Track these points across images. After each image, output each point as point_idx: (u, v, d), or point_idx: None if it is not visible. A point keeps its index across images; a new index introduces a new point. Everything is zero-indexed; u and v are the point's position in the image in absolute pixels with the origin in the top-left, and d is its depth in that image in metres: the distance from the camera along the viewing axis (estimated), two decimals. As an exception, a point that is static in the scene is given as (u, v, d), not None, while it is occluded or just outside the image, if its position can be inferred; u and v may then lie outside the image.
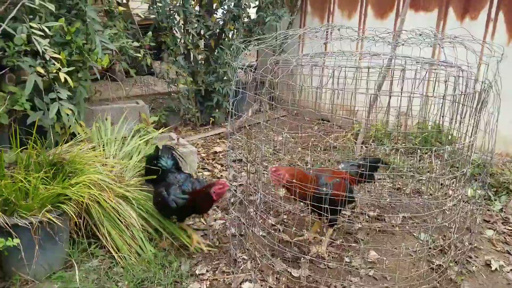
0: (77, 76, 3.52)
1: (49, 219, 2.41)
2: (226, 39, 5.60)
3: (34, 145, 2.75)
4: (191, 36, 5.27)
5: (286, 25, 6.28)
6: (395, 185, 4.08)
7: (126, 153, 3.51)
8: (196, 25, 5.24)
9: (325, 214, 2.53)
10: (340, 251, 2.98)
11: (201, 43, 5.73)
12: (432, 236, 3.11)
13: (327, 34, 3.41)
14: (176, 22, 5.26)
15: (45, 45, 2.86)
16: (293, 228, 3.05)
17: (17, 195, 2.45)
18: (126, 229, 2.80)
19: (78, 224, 2.70)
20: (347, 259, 2.91)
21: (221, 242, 3.13)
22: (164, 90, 6.14)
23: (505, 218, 3.50)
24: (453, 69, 2.53)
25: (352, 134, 5.39)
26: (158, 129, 4.25)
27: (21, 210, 2.40)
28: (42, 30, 2.87)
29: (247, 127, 3.57)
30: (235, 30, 5.61)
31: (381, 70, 3.10)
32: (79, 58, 3.45)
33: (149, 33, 4.57)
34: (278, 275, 2.71)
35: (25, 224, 2.35)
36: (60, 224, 2.48)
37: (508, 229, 3.35)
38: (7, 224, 2.33)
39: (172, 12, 5.17)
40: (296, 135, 5.37)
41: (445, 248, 2.96)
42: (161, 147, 3.35)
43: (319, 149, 5.05)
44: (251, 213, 3.29)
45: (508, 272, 2.84)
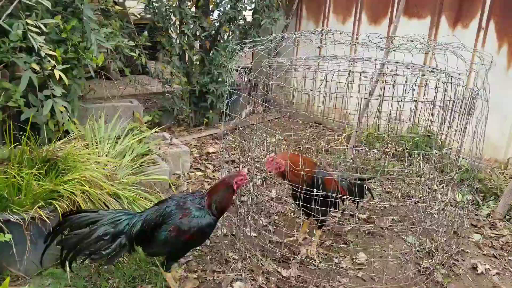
0: (72, 74, 3.53)
1: (41, 216, 2.42)
2: (222, 41, 5.64)
3: (28, 142, 2.75)
4: (187, 37, 5.29)
5: (282, 29, 6.33)
6: (385, 189, 4.13)
7: (119, 152, 3.53)
8: (192, 26, 5.27)
9: (315, 213, 2.56)
10: (330, 252, 3.02)
11: (197, 44, 5.76)
12: (420, 239, 3.16)
13: (322, 38, 3.46)
14: (172, 23, 5.29)
15: (41, 42, 2.87)
16: (284, 229, 3.08)
17: (10, 191, 2.45)
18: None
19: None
20: (336, 260, 2.96)
21: (212, 242, 3.15)
22: (159, 90, 6.14)
23: (492, 223, 3.56)
24: (443, 76, 2.59)
25: (344, 137, 5.45)
26: (152, 129, 4.27)
27: (14, 206, 2.41)
28: (38, 27, 2.88)
29: (241, 129, 3.60)
30: (231, 32, 5.65)
31: (373, 75, 3.14)
32: (74, 56, 3.46)
33: (145, 33, 4.60)
34: (268, 275, 2.74)
35: (17, 220, 2.36)
36: (52, 221, 2.49)
37: (495, 234, 3.42)
38: (-1, 220, 2.33)
39: (168, 13, 5.19)
40: (289, 137, 5.42)
41: (433, 251, 3.01)
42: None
43: (311, 152, 5.10)
44: (243, 214, 3.33)
45: (494, 276, 2.90)
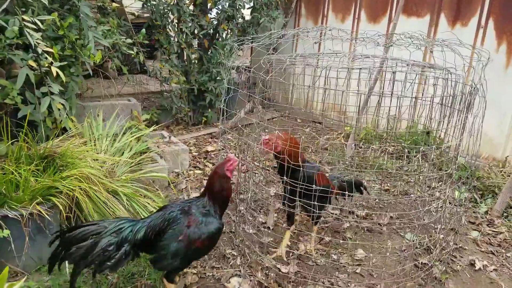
0: (69, 71, 3.51)
1: (40, 212, 2.41)
2: (220, 39, 5.63)
3: (25, 138, 2.75)
4: (185, 35, 5.29)
5: (280, 27, 6.34)
6: (384, 186, 4.14)
7: (118, 149, 3.52)
8: (190, 24, 5.27)
9: (311, 207, 2.56)
10: (328, 249, 3.02)
11: (195, 42, 5.75)
12: (419, 236, 3.17)
13: (321, 35, 3.46)
14: (170, 21, 5.28)
15: (38, 39, 2.86)
16: (283, 225, 3.08)
17: (8, 187, 2.45)
18: (116, 224, 2.80)
19: (69, 218, 2.70)
20: (335, 256, 2.96)
21: (211, 239, 3.15)
22: (157, 89, 6.14)
23: (490, 220, 3.57)
24: (441, 72, 2.59)
25: (343, 136, 5.46)
26: (150, 127, 4.26)
27: (12, 202, 2.40)
28: (35, 24, 2.87)
29: (240, 127, 3.60)
30: (229, 30, 5.65)
31: (371, 72, 3.14)
32: (72, 53, 3.45)
33: (143, 31, 4.58)
34: (267, 271, 2.74)
35: (16, 216, 2.35)
36: (51, 217, 2.48)
37: (493, 231, 3.42)
38: (-3, 216, 2.33)
39: (166, 11, 5.18)
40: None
41: (431, 248, 3.01)
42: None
43: (310, 150, 5.10)
44: (242, 211, 3.32)
45: (491, 272, 2.90)
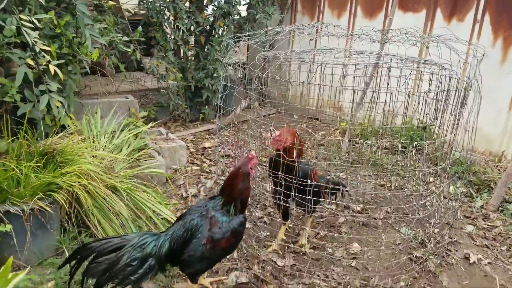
0: (67, 69, 3.54)
1: (41, 207, 2.45)
2: (216, 36, 5.65)
3: (25, 135, 2.77)
4: (181, 32, 5.30)
5: (277, 23, 6.35)
6: (380, 182, 4.18)
7: (116, 146, 3.55)
8: (186, 21, 5.28)
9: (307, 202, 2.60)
10: (324, 242, 3.06)
11: (191, 39, 5.77)
12: (413, 230, 3.21)
13: (317, 31, 3.49)
14: (166, 18, 5.29)
15: (35, 37, 2.88)
16: (278, 219, 3.11)
17: (9, 183, 2.48)
18: (116, 218, 2.84)
19: (69, 213, 2.73)
20: (330, 250, 3.00)
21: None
22: (154, 86, 6.15)
23: (485, 215, 3.62)
24: (435, 68, 2.62)
25: (340, 132, 5.49)
26: (148, 124, 4.29)
27: (13, 198, 2.44)
28: (32, 22, 2.89)
29: (236, 123, 3.63)
30: (225, 27, 5.66)
31: (366, 68, 3.18)
32: (69, 51, 3.47)
33: (139, 28, 4.60)
34: (264, 264, 2.78)
35: (17, 211, 2.39)
36: (51, 212, 2.52)
37: (488, 225, 3.47)
38: (-1, 211, 2.36)
39: (162, 8, 5.20)
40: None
41: (425, 241, 3.06)
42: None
43: (307, 146, 5.14)
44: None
45: (486, 265, 2.95)
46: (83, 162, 2.80)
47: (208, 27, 5.63)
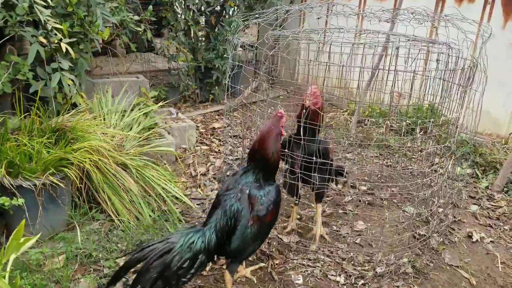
0: (79, 48, 3.59)
1: (52, 182, 2.54)
2: (227, 16, 5.64)
3: (37, 112, 2.85)
4: (192, 12, 5.30)
5: (288, 3, 6.30)
6: (387, 162, 4.20)
7: (126, 124, 3.62)
8: (197, 1, 5.27)
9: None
10: (329, 220, 3.12)
11: (202, 20, 5.77)
12: (418, 209, 3.25)
13: (327, 12, 3.47)
14: (177, -3, 5.29)
15: (47, 15, 2.93)
16: (285, 196, 3.17)
17: (21, 158, 2.56)
18: (126, 195, 2.93)
19: (80, 189, 2.83)
20: (335, 228, 3.06)
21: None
22: (165, 67, 6.19)
23: (490, 195, 3.63)
24: (443, 47, 2.61)
25: (349, 113, 5.49)
26: (158, 104, 4.35)
27: (25, 172, 2.53)
28: (44, 0, 2.94)
29: (246, 104, 3.67)
30: (236, 7, 5.64)
31: (374, 47, 3.17)
32: (80, 30, 3.52)
33: (150, 7, 4.62)
34: (269, 240, 2.85)
35: (29, 186, 2.48)
36: (63, 187, 2.61)
37: (492, 205, 3.49)
38: (12, 186, 2.45)
39: (173, -13, 5.19)
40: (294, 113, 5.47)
41: (429, 220, 3.10)
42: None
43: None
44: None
45: (488, 244, 2.98)
46: (94, 139, 2.88)
47: (219, 8, 5.61)
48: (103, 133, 3.16)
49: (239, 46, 3.36)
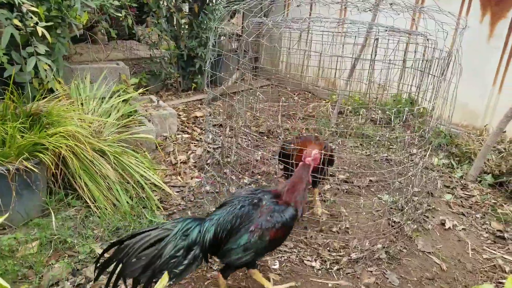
0: (56, 32, 3.52)
1: (26, 167, 2.50)
2: (210, 4, 5.59)
3: (11, 97, 2.80)
4: (174, -1, 5.24)
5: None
6: (366, 152, 4.26)
7: (105, 111, 3.58)
8: (180, -12, 5.21)
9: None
10: (307, 206, 3.16)
11: (185, 7, 5.70)
12: (394, 197, 3.31)
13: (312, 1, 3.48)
14: (159, -17, 5.21)
15: (22, -2, 2.87)
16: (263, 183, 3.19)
17: (-6, 143, 2.52)
18: (103, 182, 2.90)
19: (55, 175, 2.79)
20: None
21: (196, 198, 3.27)
22: (147, 55, 6.13)
23: (464, 185, 3.72)
24: (416, 38, 2.65)
25: (331, 104, 5.53)
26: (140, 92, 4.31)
27: (-2, 157, 2.48)
28: (19, -18, 2.87)
29: (229, 93, 3.66)
30: (219, -5, 5.60)
31: (356, 38, 3.20)
32: (58, 14, 3.45)
33: (131, -7, 4.55)
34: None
35: (2, 171, 2.43)
36: (37, 172, 2.57)
37: (466, 194, 3.57)
38: (-16, 170, 2.41)
39: (155, -27, 5.11)
40: (277, 104, 5.48)
41: (404, 207, 3.16)
42: None
43: (298, 118, 5.18)
44: (227, 173, 3.44)
45: (460, 231, 3.06)
46: (70, 124, 2.84)
47: (202, -5, 5.56)
48: (81, 119, 3.11)
49: (223, 35, 3.34)
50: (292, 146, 2.75)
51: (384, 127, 4.57)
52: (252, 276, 2.26)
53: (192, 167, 3.77)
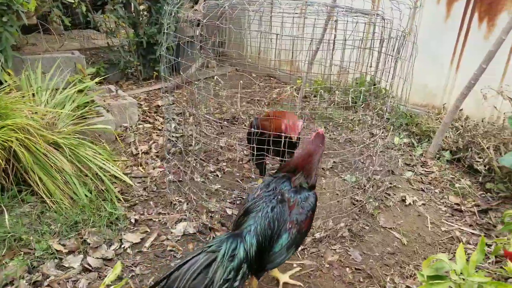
0: (2, 21, 3.33)
1: (-28, 163, 2.36)
2: (169, -11, 5.43)
3: (-47, 89, 2.63)
4: (130, -16, 5.06)
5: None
6: (330, 135, 4.30)
7: (59, 102, 3.43)
8: (135, -28, 5.03)
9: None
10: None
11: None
12: (356, 176, 3.37)
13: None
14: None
15: (-40, -17, 2.68)
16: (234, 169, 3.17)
17: None
18: (59, 175, 2.79)
19: (6, 170, 2.66)
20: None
21: (159, 188, 3.21)
22: (105, 44, 5.92)
23: (424, 162, 3.83)
24: (371, 17, 2.66)
25: (295, 89, 5.54)
26: (97, 82, 4.15)
27: None
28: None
29: (192, 81, 3.59)
30: (177, -20, 5.44)
31: (316, 20, 3.19)
32: (3, 1, 3.26)
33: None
34: (212, 214, 2.85)
35: None
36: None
37: (425, 171, 3.68)
38: None
39: (109, -43, 4.91)
40: (242, 89, 5.44)
41: (366, 186, 3.22)
42: None
43: (263, 103, 5.16)
44: (191, 162, 3.39)
45: (420, 206, 3.16)
46: (20, 117, 2.70)
47: (160, -21, 5.38)
48: (32, 111, 2.97)
49: (183, 20, 3.25)
50: (265, 120, 2.71)
51: (346, 109, 4.63)
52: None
53: (154, 157, 3.69)
